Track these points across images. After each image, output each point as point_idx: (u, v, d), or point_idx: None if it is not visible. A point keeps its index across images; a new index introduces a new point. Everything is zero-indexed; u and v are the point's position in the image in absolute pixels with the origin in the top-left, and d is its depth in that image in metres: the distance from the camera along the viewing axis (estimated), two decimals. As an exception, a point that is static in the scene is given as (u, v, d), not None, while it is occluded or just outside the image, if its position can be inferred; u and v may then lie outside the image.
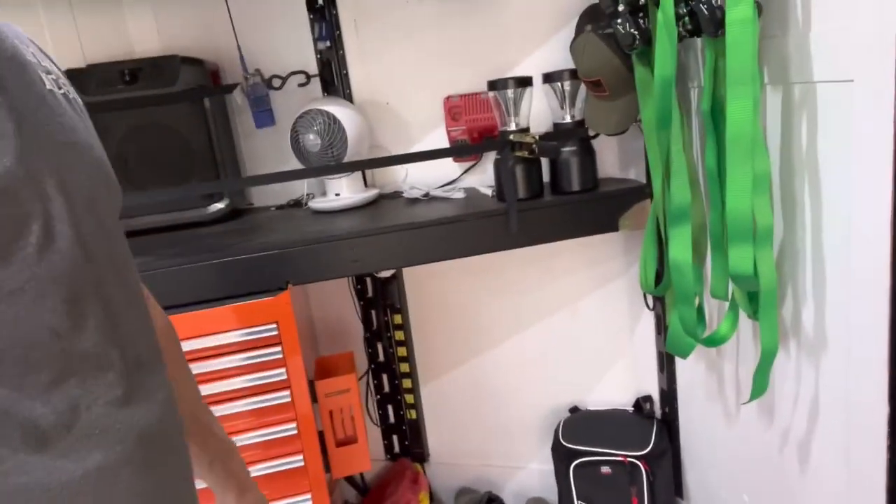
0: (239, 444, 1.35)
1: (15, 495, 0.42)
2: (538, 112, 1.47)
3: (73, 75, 1.43)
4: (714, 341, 1.15)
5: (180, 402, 0.69)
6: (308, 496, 1.40)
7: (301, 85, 1.63)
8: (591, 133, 1.40)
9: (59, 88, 0.51)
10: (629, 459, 1.50)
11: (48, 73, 0.51)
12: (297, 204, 1.71)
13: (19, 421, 0.42)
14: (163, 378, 0.56)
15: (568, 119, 1.40)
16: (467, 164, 1.66)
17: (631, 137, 1.48)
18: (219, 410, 1.34)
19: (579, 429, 1.62)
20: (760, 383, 1.05)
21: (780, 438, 1.14)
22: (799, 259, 1.01)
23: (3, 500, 0.42)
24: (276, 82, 1.62)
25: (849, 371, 0.94)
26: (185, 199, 1.57)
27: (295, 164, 1.52)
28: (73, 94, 0.54)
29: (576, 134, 1.39)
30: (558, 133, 1.41)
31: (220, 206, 1.59)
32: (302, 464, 1.38)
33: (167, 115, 1.51)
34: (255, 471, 1.37)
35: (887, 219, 0.82)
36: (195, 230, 1.57)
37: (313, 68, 1.63)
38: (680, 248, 1.09)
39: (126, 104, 1.48)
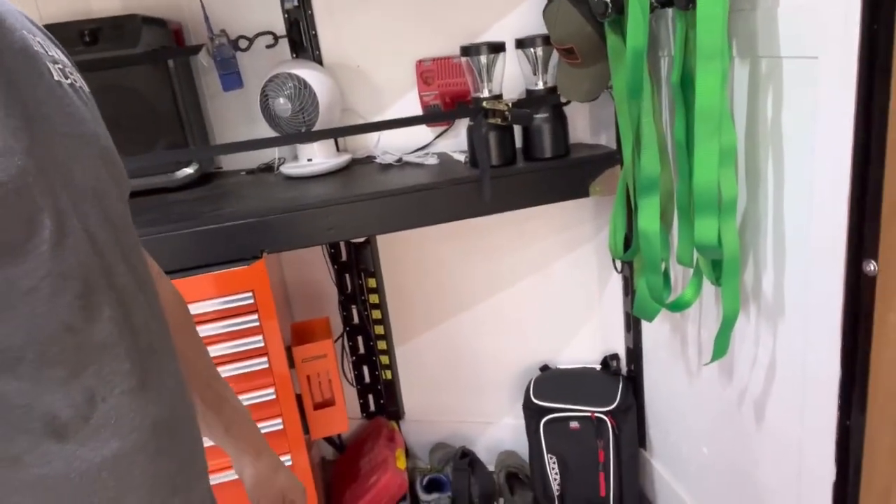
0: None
1: (37, 485, 0.43)
2: (511, 77, 1.46)
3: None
4: (679, 306, 1.20)
5: (193, 372, 0.72)
6: (288, 456, 1.44)
7: (269, 46, 1.59)
8: (563, 100, 1.41)
9: (66, 78, 0.51)
10: (596, 415, 1.57)
11: (55, 62, 0.50)
12: (268, 169, 1.69)
13: (40, 413, 0.43)
14: (175, 365, 0.57)
15: (540, 85, 1.41)
16: (440, 129, 1.65)
17: (602, 104, 1.49)
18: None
19: (549, 386, 1.68)
20: (721, 345, 1.11)
21: (738, 396, 1.21)
22: (761, 229, 1.05)
23: (26, 490, 0.43)
24: (243, 43, 1.57)
25: (805, 335, 0.99)
26: (152, 165, 1.54)
27: (264, 127, 1.50)
28: (79, 82, 0.54)
29: (548, 101, 1.39)
30: (531, 100, 1.42)
31: (188, 171, 1.57)
32: (281, 427, 1.41)
33: (129, 77, 1.47)
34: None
35: (845, 193, 0.86)
36: (164, 196, 1.54)
37: (281, 29, 1.59)
38: (649, 218, 1.12)
39: (87, 67, 1.43)
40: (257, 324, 1.35)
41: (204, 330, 1.32)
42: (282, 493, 0.81)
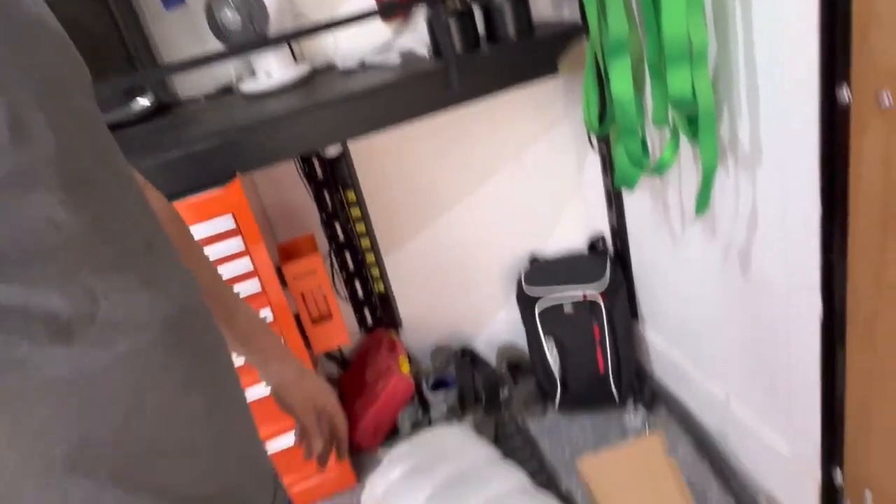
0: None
1: (47, 390, 0.42)
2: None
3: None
4: (658, 168, 1.20)
5: (202, 288, 0.69)
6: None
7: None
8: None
9: None
10: (588, 296, 1.60)
11: None
12: (228, 91, 1.63)
13: (39, 315, 0.41)
14: (177, 262, 0.55)
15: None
16: (398, 26, 1.59)
17: (562, -24, 1.43)
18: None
19: (539, 274, 1.71)
20: (703, 199, 1.11)
21: (723, 252, 1.23)
22: (733, 77, 1.03)
23: (35, 396, 0.41)
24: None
25: (784, 177, 1.00)
26: (106, 100, 1.47)
27: (216, 46, 1.43)
28: None
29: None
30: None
31: (144, 102, 1.50)
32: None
33: (65, 8, 1.38)
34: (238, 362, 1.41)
35: (814, 30, 0.84)
36: (122, 131, 1.49)
37: (215, -64, 1.48)
38: (621, 81, 1.10)
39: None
40: (242, 247, 1.34)
41: (188, 258, 1.31)
42: (312, 396, 0.80)
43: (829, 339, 1.03)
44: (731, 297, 1.26)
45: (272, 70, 1.51)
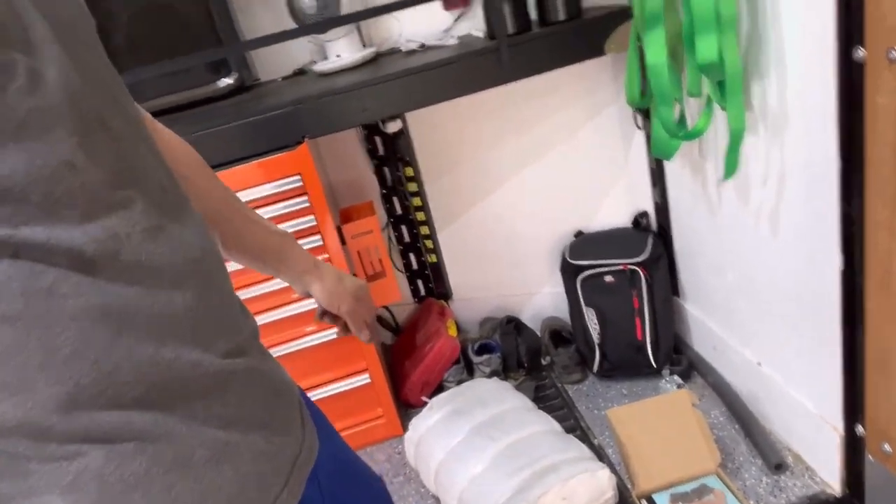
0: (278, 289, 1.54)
1: (73, 318, 0.43)
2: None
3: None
4: (692, 135, 1.27)
5: (226, 219, 0.75)
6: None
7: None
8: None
9: None
10: (629, 266, 1.68)
11: None
12: (302, 72, 1.80)
13: (62, 251, 0.42)
14: (189, 205, 0.56)
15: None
16: (458, 13, 1.72)
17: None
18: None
19: (583, 248, 1.80)
20: (731, 162, 1.19)
21: (754, 217, 1.29)
22: (762, 45, 1.11)
23: (62, 323, 0.42)
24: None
25: (808, 139, 1.07)
26: (194, 77, 1.66)
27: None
28: None
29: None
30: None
31: (228, 80, 1.69)
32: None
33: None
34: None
35: (831, 10, 0.92)
36: (208, 106, 1.68)
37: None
38: (655, 51, 1.19)
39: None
40: (308, 204, 1.50)
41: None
42: (353, 295, 0.86)
43: (849, 292, 1.09)
44: (761, 262, 1.32)
45: (341, 52, 1.67)
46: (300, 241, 1.48)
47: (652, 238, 1.72)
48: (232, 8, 1.72)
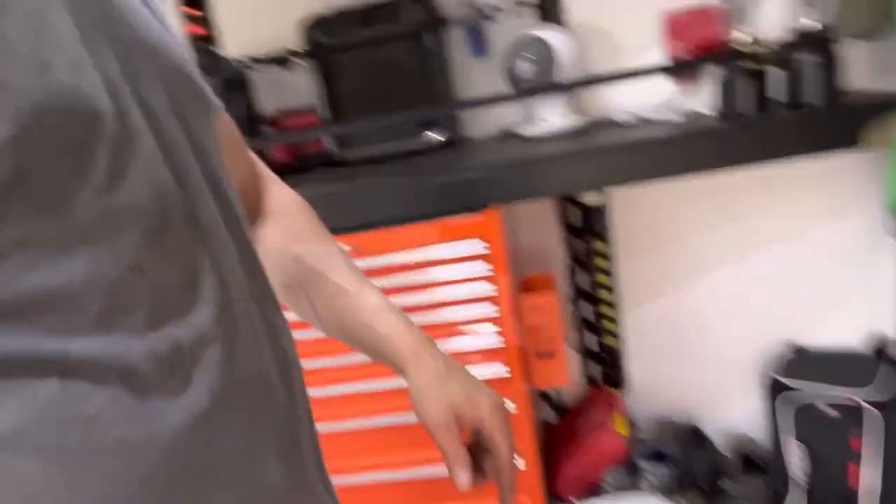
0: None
1: (116, 451, 0.37)
2: (773, 16, 1.34)
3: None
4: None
5: (336, 266, 0.63)
6: (512, 405, 1.50)
7: (519, 3, 1.64)
8: (840, 35, 1.26)
9: None
10: (853, 401, 1.38)
11: None
12: (510, 134, 1.77)
13: (114, 368, 0.36)
14: (280, 313, 0.50)
15: (807, 23, 1.27)
16: (687, 90, 1.58)
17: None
18: (426, 318, 1.46)
19: (798, 365, 1.53)
20: None
21: None
22: None
23: (96, 456, 0.36)
24: (494, 11, 1.65)
25: None
26: (405, 128, 1.70)
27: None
28: None
29: (814, 39, 1.25)
30: (794, 40, 1.29)
31: (436, 136, 1.71)
32: (508, 375, 1.47)
33: (387, 46, 1.64)
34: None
35: None
36: (413, 158, 1.70)
37: (524, -5, 1.64)
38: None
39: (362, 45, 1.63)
40: (487, 272, 1.43)
41: (433, 272, 1.42)
42: (456, 402, 0.60)
43: None
44: None
45: (550, 116, 1.61)
46: (471, 307, 1.46)
47: (891, 370, 1.41)
48: (453, 65, 1.75)
